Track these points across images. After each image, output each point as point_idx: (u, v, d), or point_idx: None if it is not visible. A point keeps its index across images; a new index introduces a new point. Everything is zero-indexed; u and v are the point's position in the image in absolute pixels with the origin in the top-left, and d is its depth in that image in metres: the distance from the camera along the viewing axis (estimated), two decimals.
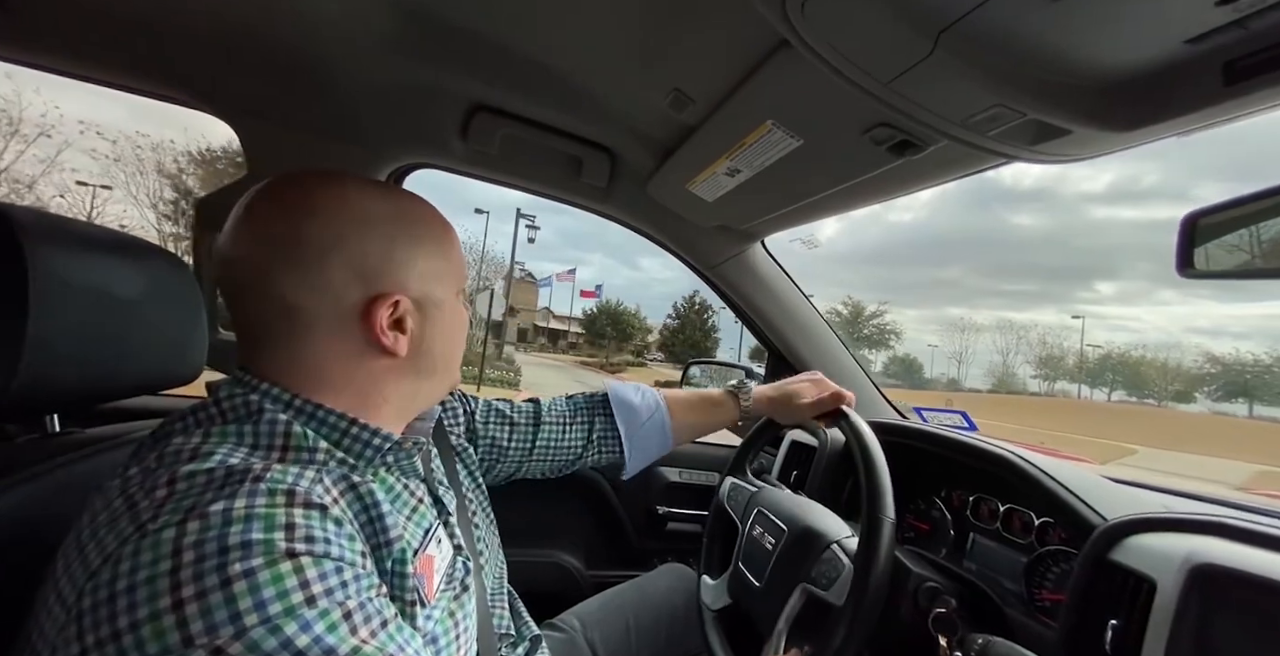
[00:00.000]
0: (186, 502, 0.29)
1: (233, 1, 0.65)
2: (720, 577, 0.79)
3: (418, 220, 0.44)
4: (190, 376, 0.59)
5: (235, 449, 0.35)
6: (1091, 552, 0.51)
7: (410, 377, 0.44)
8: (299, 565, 0.28)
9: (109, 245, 0.48)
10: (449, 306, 0.46)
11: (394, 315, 0.41)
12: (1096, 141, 0.46)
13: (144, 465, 0.33)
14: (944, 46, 0.40)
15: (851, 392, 0.74)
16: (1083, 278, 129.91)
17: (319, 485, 0.34)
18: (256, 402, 0.37)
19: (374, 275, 0.40)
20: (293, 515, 0.30)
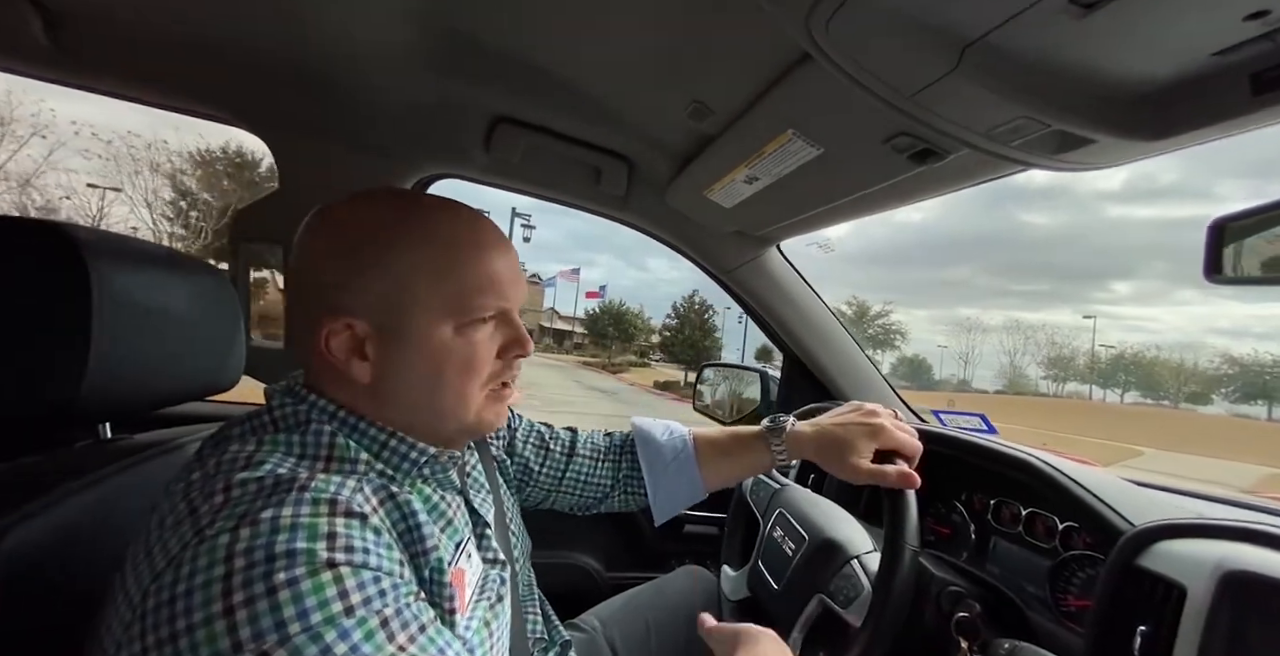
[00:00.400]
0: (240, 509, 0.31)
1: (268, 24, 0.67)
2: (741, 570, 0.79)
3: (404, 235, 0.40)
4: (230, 383, 0.61)
5: (284, 458, 0.36)
6: (1119, 558, 0.51)
7: (387, 408, 0.41)
8: (338, 575, 0.30)
9: (160, 261, 0.51)
10: (428, 339, 0.40)
11: (353, 338, 0.39)
12: (1120, 150, 0.47)
13: (204, 470, 0.35)
14: (968, 61, 0.41)
15: (919, 444, 0.63)
16: (1098, 277, 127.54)
17: (359, 494, 0.35)
18: (305, 413, 0.40)
19: (330, 292, 0.39)
20: (334, 524, 0.32)
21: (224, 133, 22.79)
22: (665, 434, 0.71)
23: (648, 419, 0.75)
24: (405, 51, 0.72)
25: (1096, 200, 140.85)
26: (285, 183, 0.91)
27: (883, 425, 0.62)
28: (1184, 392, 57.16)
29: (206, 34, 0.70)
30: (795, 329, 1.16)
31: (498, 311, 0.43)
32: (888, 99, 0.49)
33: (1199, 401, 55.93)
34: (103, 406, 0.47)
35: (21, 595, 0.38)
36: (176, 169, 20.89)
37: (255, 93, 0.82)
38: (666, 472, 0.69)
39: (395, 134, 0.91)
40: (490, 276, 0.42)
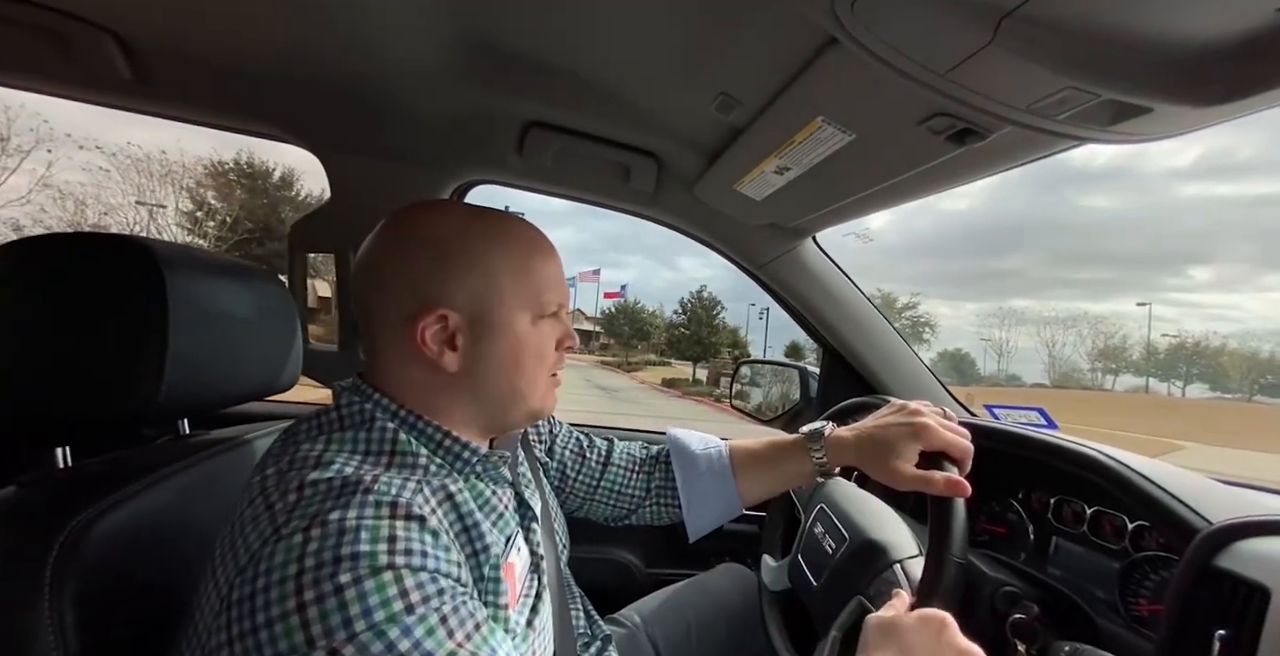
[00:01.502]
0: (311, 509, 0.34)
1: (318, 46, 0.72)
2: (782, 561, 0.78)
3: (492, 236, 0.46)
4: (290, 383, 0.66)
5: (351, 456, 0.39)
6: (1195, 558, 0.48)
7: (467, 396, 0.46)
8: (398, 576, 0.32)
9: (226, 270, 0.56)
10: (512, 328, 0.45)
11: (445, 330, 0.43)
12: (1181, 118, 0.43)
13: (279, 466, 0.39)
14: (1006, 32, 0.39)
15: (969, 444, 0.59)
16: (1171, 263, 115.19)
17: (419, 496, 0.37)
18: (369, 411, 0.43)
19: (426, 288, 0.43)
20: (395, 527, 0.34)
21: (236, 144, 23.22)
22: (701, 445, 0.71)
23: (683, 430, 0.75)
24: (440, 64, 0.76)
25: (1166, 179, 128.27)
26: (336, 195, 0.97)
27: (926, 424, 0.58)
28: (1259, 384, 51.11)
29: (264, 58, 0.76)
30: (834, 323, 1.13)
31: (559, 307, 0.49)
32: (921, 78, 0.47)
33: (1277, 394, 49.80)
34: (181, 405, 0.51)
35: (115, 576, 0.42)
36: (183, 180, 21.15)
37: (308, 111, 0.88)
38: (700, 481, 0.68)
39: (433, 144, 0.95)
40: (554, 276, 0.49)
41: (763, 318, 41.35)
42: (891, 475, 0.57)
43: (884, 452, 0.58)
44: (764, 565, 0.80)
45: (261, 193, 23.00)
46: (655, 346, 39.03)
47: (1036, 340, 50.25)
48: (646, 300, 43.82)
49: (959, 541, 0.51)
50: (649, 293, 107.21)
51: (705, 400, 16.99)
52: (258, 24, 0.68)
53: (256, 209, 22.60)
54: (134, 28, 0.71)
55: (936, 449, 0.57)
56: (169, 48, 0.74)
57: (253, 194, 22.93)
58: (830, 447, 0.63)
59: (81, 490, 0.44)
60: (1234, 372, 49.90)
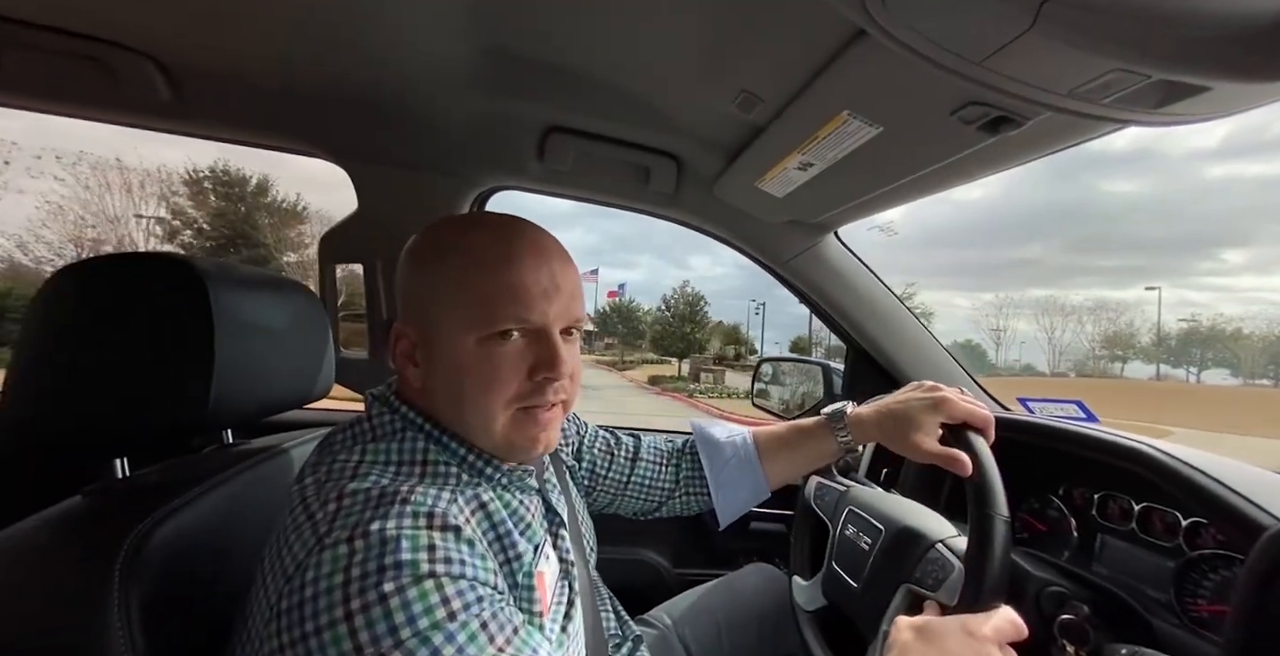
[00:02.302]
0: (352, 519, 0.35)
1: (345, 62, 0.74)
2: (813, 579, 0.77)
3: (439, 249, 0.43)
4: (324, 392, 0.68)
5: (386, 468, 0.40)
6: (1263, 558, 0.45)
7: (440, 414, 0.44)
8: (439, 583, 0.33)
9: (263, 284, 0.58)
10: (450, 351, 0.41)
11: (408, 346, 0.45)
12: (1238, 96, 0.41)
13: (317, 476, 0.40)
14: (1048, 16, 0.37)
15: (989, 412, 0.60)
16: (1202, 246, 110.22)
17: (454, 505, 0.38)
18: (398, 423, 0.44)
19: (400, 303, 0.46)
20: (433, 537, 0.35)
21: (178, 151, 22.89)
22: (725, 433, 0.73)
23: (706, 419, 0.76)
24: (461, 73, 0.76)
25: (1192, 160, 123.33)
26: (363, 207, 0.99)
27: (945, 396, 0.60)
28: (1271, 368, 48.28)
29: (292, 75, 0.77)
30: (859, 318, 1.11)
31: (525, 326, 0.41)
32: (955, 68, 0.46)
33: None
34: (226, 415, 0.53)
35: (176, 579, 0.44)
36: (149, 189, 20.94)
37: (333, 125, 0.90)
38: (727, 468, 0.70)
39: (455, 152, 0.96)
40: (513, 288, 0.41)
41: (759, 313, 41.15)
42: (914, 449, 0.59)
43: (905, 427, 0.60)
44: (795, 586, 0.79)
45: (238, 200, 23.14)
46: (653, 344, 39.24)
47: (1036, 328, 48.56)
48: (655, 299, 44.07)
49: (1000, 499, 0.51)
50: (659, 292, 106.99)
51: (680, 396, 16.87)
52: (287, 42, 0.70)
53: (230, 215, 22.71)
54: (172, 51, 0.74)
55: (959, 419, 0.59)
56: (205, 69, 0.77)
57: (228, 200, 23.06)
58: (853, 425, 0.66)
59: (141, 498, 0.46)
60: (1249, 358, 47.62)
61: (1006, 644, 0.45)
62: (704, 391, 18.09)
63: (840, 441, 0.67)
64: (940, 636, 0.44)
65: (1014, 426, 0.81)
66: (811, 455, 0.70)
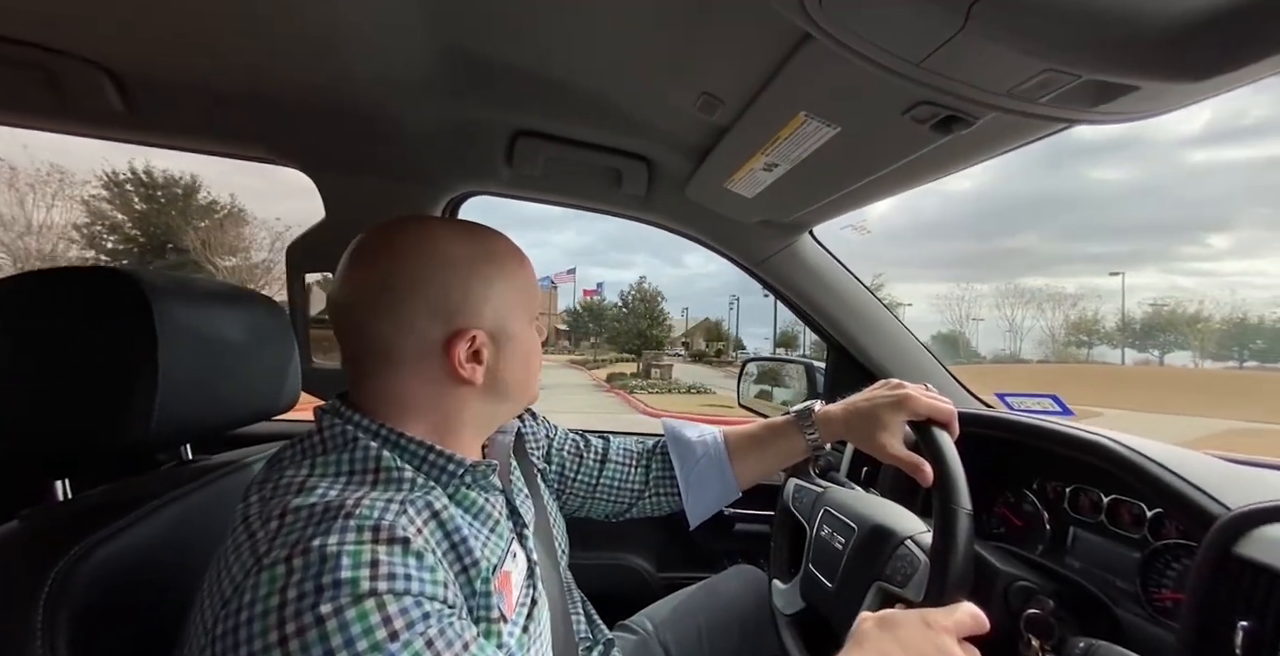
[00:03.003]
0: (292, 537, 0.34)
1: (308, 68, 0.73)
2: (792, 581, 0.77)
3: (493, 258, 0.48)
4: (290, 403, 0.67)
5: (335, 479, 0.40)
6: (1213, 547, 0.46)
7: (488, 402, 0.49)
8: (381, 602, 0.32)
9: (216, 296, 0.56)
10: (522, 336, 0.49)
11: (471, 348, 0.45)
12: (1169, 95, 0.42)
13: (262, 494, 0.39)
14: (977, 17, 0.38)
15: (952, 407, 0.62)
16: (1187, 231, 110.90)
17: (403, 516, 0.37)
18: (351, 432, 0.43)
19: (453, 313, 0.45)
20: (377, 552, 0.34)
21: (92, 154, 21.43)
22: (696, 433, 0.73)
23: (677, 420, 0.77)
24: (425, 78, 0.76)
25: (1177, 146, 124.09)
26: (331, 214, 0.99)
27: (908, 393, 0.62)
28: (1251, 349, 49.30)
29: (250, 81, 0.77)
30: (836, 316, 1.12)
31: (541, 310, 0.54)
32: (897, 69, 0.47)
33: (1268, 358, 47.94)
34: (179, 432, 0.52)
35: (112, 606, 0.43)
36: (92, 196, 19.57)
37: (297, 132, 0.89)
38: (697, 468, 0.70)
39: (424, 159, 0.96)
40: (536, 285, 0.53)
41: (732, 307, 41.40)
42: (880, 449, 0.62)
43: (871, 426, 0.62)
44: (774, 590, 0.78)
45: (168, 203, 21.97)
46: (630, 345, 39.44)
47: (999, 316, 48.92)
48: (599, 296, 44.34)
49: (963, 492, 0.52)
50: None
51: (622, 392, 16.93)
52: (242, 47, 0.69)
53: (154, 218, 21.55)
54: (124, 60, 0.72)
55: (922, 415, 0.60)
56: (158, 77, 0.75)
57: (148, 202, 21.88)
58: (820, 423, 0.68)
59: (78, 522, 0.44)
60: (1207, 340, 48.16)
61: (967, 639, 0.45)
62: (646, 387, 18.11)
63: (808, 439, 0.68)
64: (898, 627, 0.45)
65: (990, 423, 0.81)
66: (781, 453, 0.71)
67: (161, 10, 0.61)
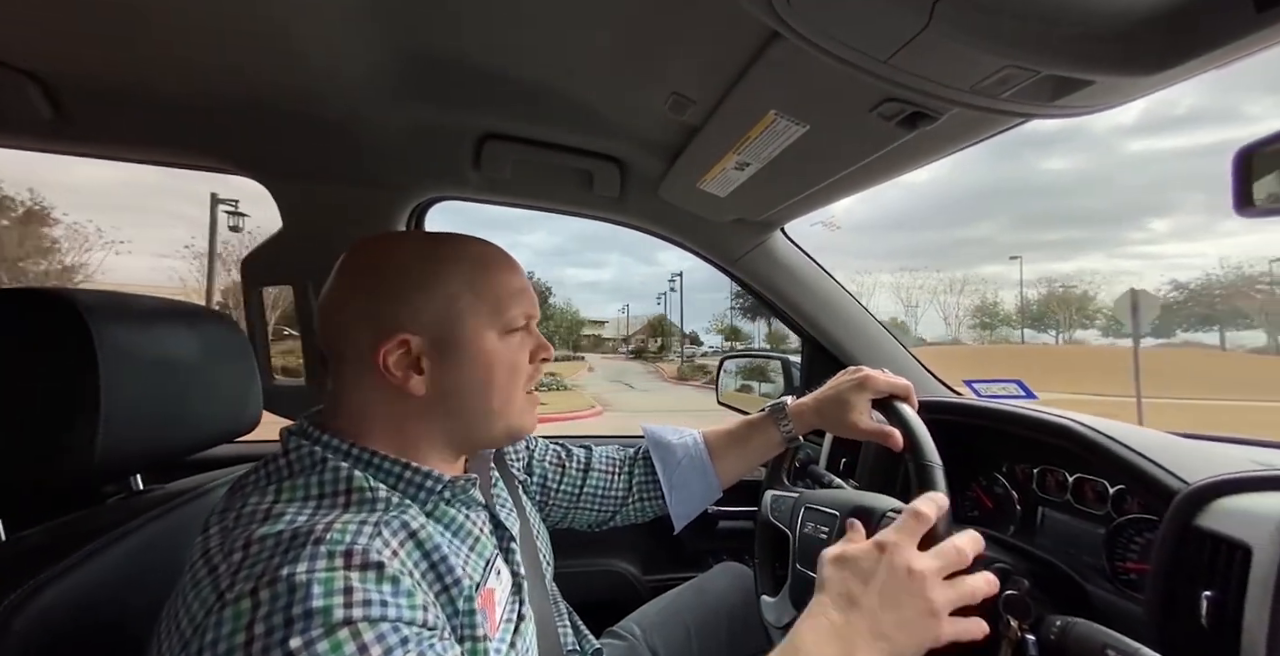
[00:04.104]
0: (258, 568, 0.31)
1: (258, 72, 0.69)
2: (780, 592, 0.78)
3: (440, 259, 0.45)
4: (251, 424, 0.63)
5: (304, 504, 0.38)
6: (1174, 521, 0.48)
7: (440, 418, 0.45)
8: (356, 631, 0.30)
9: (163, 314, 0.53)
10: (477, 344, 0.45)
11: (408, 355, 0.43)
12: (1122, 88, 0.44)
13: (224, 523, 0.36)
14: (940, 16, 0.39)
15: (907, 382, 0.66)
16: (1132, 217, 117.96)
17: (377, 539, 0.35)
18: (319, 454, 0.41)
19: (383, 317, 0.43)
20: (350, 578, 0.32)
21: None
22: (676, 435, 0.73)
23: (655, 425, 0.77)
24: (384, 81, 0.74)
25: (1115, 136, 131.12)
26: (288, 224, 0.94)
27: (867, 374, 0.66)
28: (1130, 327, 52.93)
29: (195, 88, 0.72)
30: (810, 311, 1.14)
31: (527, 319, 0.48)
32: (864, 66, 0.47)
33: (1160, 332, 52.29)
34: (127, 461, 0.48)
35: (61, 653, 0.39)
36: None
37: (248, 140, 0.85)
38: (679, 469, 0.70)
39: (387, 164, 0.93)
40: (517, 289, 0.48)
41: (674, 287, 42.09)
42: (852, 428, 0.66)
43: (840, 409, 0.66)
44: (763, 605, 0.79)
45: None
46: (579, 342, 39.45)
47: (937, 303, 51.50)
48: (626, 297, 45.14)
49: (932, 448, 0.55)
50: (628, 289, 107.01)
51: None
52: (184, 53, 0.65)
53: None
54: (51, 65, 0.67)
55: (883, 392, 0.65)
56: (92, 84, 0.70)
57: None
58: (794, 416, 0.71)
59: (16, 564, 0.40)
60: (1090, 319, 51.98)
61: (963, 611, 0.43)
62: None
63: (783, 432, 0.70)
64: (864, 572, 0.42)
65: (960, 410, 0.84)
66: (759, 448, 0.73)
67: (91, 12, 0.57)
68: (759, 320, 41.00)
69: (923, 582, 0.41)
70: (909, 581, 0.41)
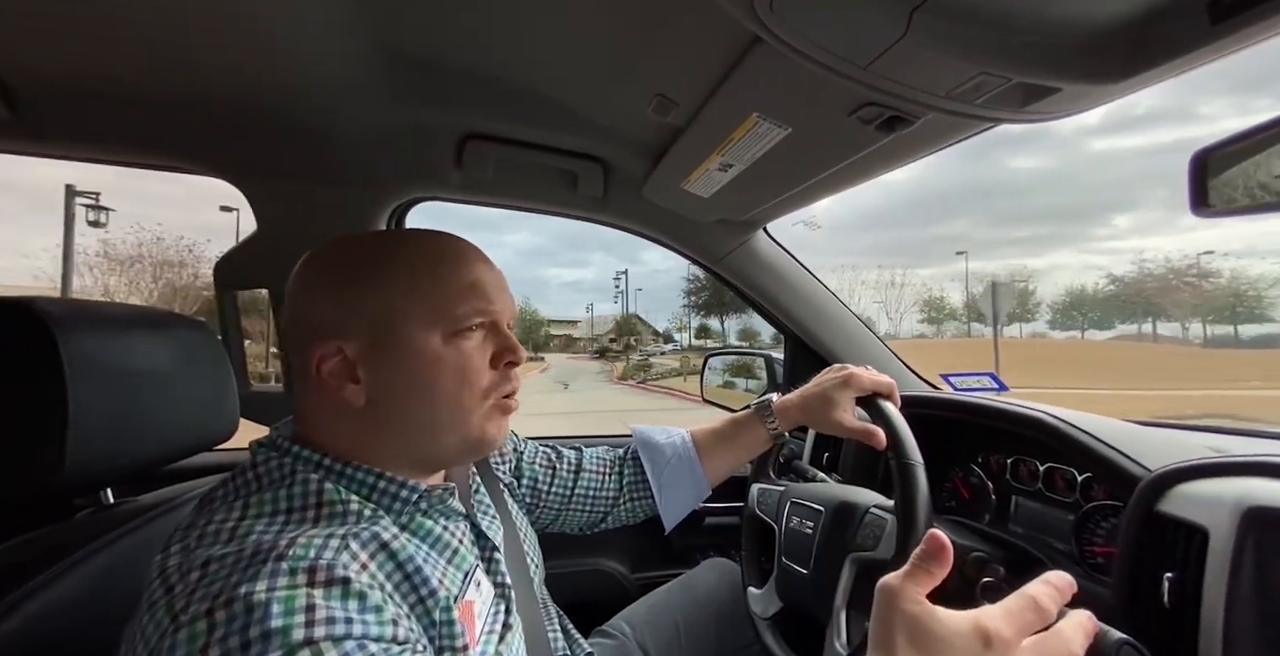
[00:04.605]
0: (215, 587, 0.30)
1: (220, 68, 0.67)
2: (766, 584, 0.79)
3: (380, 258, 0.42)
4: (228, 432, 0.61)
5: (272, 519, 0.36)
6: (1138, 506, 0.51)
7: (389, 430, 0.42)
8: (318, 651, 0.29)
9: (133, 322, 0.51)
10: (415, 351, 0.41)
11: (345, 362, 0.40)
12: (1087, 95, 0.46)
13: (185, 542, 0.35)
14: (918, 25, 0.40)
15: (891, 379, 0.67)
16: (1098, 213, 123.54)
17: (344, 552, 0.34)
18: (289, 465, 0.40)
19: (316, 323, 0.41)
20: (313, 596, 0.30)
21: None
22: (664, 435, 0.73)
23: (644, 425, 0.77)
24: (364, 80, 0.72)
25: (1080, 136, 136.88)
26: (263, 227, 0.91)
27: (852, 372, 0.67)
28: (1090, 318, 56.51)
29: (166, 87, 0.70)
30: (792, 309, 1.16)
31: (485, 320, 0.44)
32: (844, 72, 0.48)
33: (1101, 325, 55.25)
34: (96, 474, 0.46)
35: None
36: None
37: (221, 140, 0.82)
38: (668, 468, 0.70)
39: (366, 164, 0.91)
40: (471, 285, 0.43)
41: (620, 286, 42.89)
42: (836, 426, 0.66)
43: (824, 406, 0.66)
44: (750, 596, 0.80)
45: None
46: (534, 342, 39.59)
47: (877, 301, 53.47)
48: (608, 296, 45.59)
49: (914, 448, 0.56)
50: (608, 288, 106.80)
51: None
52: (152, 49, 0.63)
53: None
54: (9, 63, 0.64)
55: (867, 389, 0.66)
56: (52, 81, 0.67)
57: None
58: (779, 413, 0.70)
59: None
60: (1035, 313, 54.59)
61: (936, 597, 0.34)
62: None
63: (770, 429, 0.71)
64: (943, 645, 0.31)
65: (938, 404, 0.87)
66: (746, 445, 0.73)
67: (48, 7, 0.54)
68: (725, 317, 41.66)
69: None
70: None
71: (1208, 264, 48.17)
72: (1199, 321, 48.23)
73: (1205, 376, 20.63)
